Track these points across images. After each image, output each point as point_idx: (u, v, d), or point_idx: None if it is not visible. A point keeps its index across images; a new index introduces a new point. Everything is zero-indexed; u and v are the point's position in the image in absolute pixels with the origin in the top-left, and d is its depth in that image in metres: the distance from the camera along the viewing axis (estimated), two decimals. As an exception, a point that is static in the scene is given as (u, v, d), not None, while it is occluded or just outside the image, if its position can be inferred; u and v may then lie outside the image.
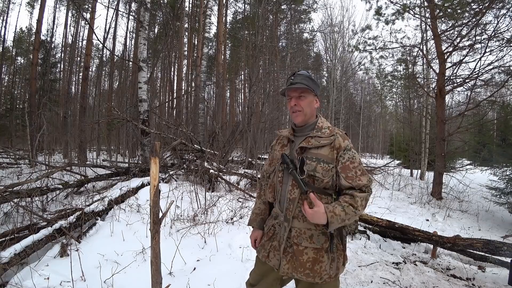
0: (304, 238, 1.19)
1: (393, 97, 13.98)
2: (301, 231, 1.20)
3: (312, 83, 1.26)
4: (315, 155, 1.19)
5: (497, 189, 5.70)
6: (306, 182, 1.18)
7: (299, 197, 1.19)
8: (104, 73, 17.55)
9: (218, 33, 12.53)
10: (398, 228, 3.60)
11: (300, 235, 1.19)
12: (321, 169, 1.17)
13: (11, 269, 2.14)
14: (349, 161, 1.18)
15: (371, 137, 28.00)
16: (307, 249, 1.18)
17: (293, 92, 1.26)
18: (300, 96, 1.25)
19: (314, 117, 1.31)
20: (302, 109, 1.25)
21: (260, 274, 1.37)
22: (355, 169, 1.17)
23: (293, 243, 1.20)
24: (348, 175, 1.16)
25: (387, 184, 7.51)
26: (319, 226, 1.18)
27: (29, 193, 3.62)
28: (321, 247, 1.17)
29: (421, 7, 7.29)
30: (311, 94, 1.27)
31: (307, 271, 1.16)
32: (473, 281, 2.74)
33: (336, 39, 13.20)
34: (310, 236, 1.18)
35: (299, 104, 1.25)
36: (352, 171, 1.17)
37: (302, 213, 1.19)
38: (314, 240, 1.18)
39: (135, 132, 7.55)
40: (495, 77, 6.56)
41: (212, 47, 17.36)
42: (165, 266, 2.26)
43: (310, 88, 1.24)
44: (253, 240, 1.43)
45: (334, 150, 1.19)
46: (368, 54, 9.08)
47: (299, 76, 1.26)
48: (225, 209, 3.76)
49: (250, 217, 1.49)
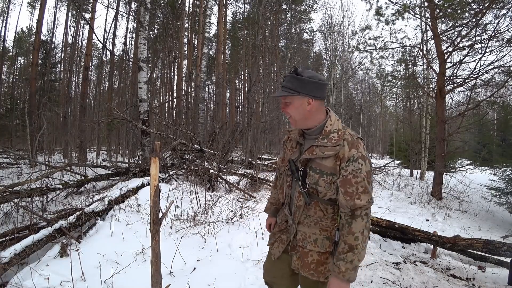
0: (309, 242, 1.19)
1: (393, 97, 14.01)
2: (306, 235, 1.20)
3: (297, 84, 1.11)
4: (319, 166, 1.11)
5: (497, 189, 5.70)
6: (310, 193, 1.15)
7: (304, 205, 1.17)
8: (104, 73, 17.54)
9: (218, 33, 12.55)
10: (398, 228, 3.60)
11: (305, 238, 1.20)
12: (324, 182, 1.10)
13: (11, 269, 2.14)
14: (352, 174, 1.05)
15: (371, 137, 27.95)
16: (311, 252, 1.18)
17: (280, 98, 1.20)
18: (286, 102, 1.16)
19: (318, 119, 1.16)
20: (291, 115, 1.17)
21: (271, 268, 1.40)
22: (357, 184, 1.04)
23: (299, 245, 1.21)
24: (348, 190, 1.05)
25: (387, 184, 7.51)
26: (324, 231, 1.17)
27: (29, 193, 3.62)
28: (325, 251, 1.17)
29: (421, 7, 7.28)
30: (297, 98, 1.13)
31: (311, 271, 1.18)
32: (473, 281, 2.74)
33: (336, 39, 13.20)
34: (315, 240, 1.18)
35: (286, 111, 1.18)
36: (353, 186, 1.04)
37: (307, 220, 1.19)
38: (318, 244, 1.17)
39: (135, 132, 7.55)
40: (495, 77, 6.56)
41: (212, 47, 17.36)
42: (165, 266, 2.26)
43: (291, 93, 1.12)
44: (268, 225, 1.51)
45: (338, 161, 1.08)
46: (368, 54, 9.08)
47: (286, 78, 1.15)
48: (225, 209, 3.76)
49: (266, 205, 1.55)
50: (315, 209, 1.16)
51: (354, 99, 26.67)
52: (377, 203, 5.42)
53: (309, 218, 1.18)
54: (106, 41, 14.46)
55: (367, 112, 25.73)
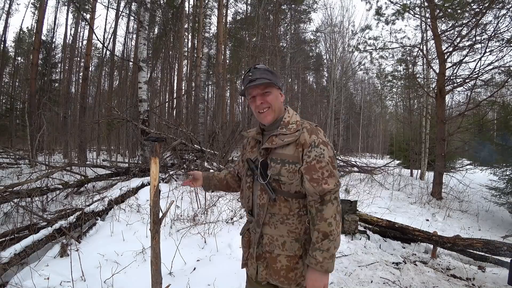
0: (276, 245, 1.10)
1: (393, 97, 14.02)
2: (273, 238, 1.10)
3: (273, 76, 1.13)
4: (280, 156, 1.07)
5: (497, 189, 5.70)
6: (273, 187, 1.07)
7: (268, 203, 1.09)
8: (104, 73, 17.55)
9: (218, 33, 12.53)
10: (398, 228, 3.61)
11: (272, 242, 1.11)
12: (286, 172, 1.05)
13: (11, 269, 2.14)
14: (315, 160, 1.02)
15: (371, 137, 28.00)
16: (280, 257, 1.10)
17: (255, 90, 1.12)
18: (265, 92, 1.12)
19: (282, 113, 1.17)
20: (271, 105, 1.12)
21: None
22: (322, 169, 1.01)
23: (266, 251, 1.12)
24: (313, 176, 1.01)
25: (387, 184, 7.51)
26: (292, 233, 1.09)
27: (29, 193, 3.62)
28: (294, 254, 1.08)
29: (421, 7, 7.30)
30: (275, 88, 1.14)
31: (281, 278, 1.09)
32: (473, 281, 2.74)
33: (336, 39, 13.22)
34: (283, 243, 1.09)
35: (265, 101, 1.11)
36: (319, 172, 1.01)
37: (273, 220, 1.10)
38: (286, 247, 1.09)
39: (135, 132, 7.55)
40: (495, 77, 6.58)
41: (212, 47, 17.36)
42: (165, 266, 2.26)
43: (273, 82, 1.11)
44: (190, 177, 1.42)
45: (299, 148, 1.06)
46: (368, 54, 9.13)
47: (257, 71, 1.12)
48: (225, 209, 3.76)
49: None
50: (280, 206, 1.08)
51: (354, 99, 26.70)
52: (377, 203, 5.42)
53: (274, 217, 1.10)
54: (107, 41, 14.49)
55: (367, 112, 25.76)
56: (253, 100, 1.14)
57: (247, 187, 1.20)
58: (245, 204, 1.22)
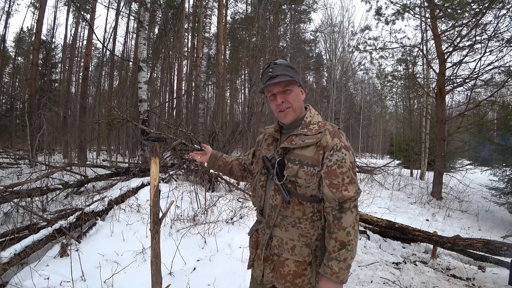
0: (285, 249, 1.05)
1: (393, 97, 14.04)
2: (283, 241, 1.06)
3: (294, 73, 1.07)
4: (299, 156, 1.02)
5: (497, 189, 5.70)
6: (288, 188, 1.02)
7: (281, 204, 1.05)
8: (104, 73, 17.55)
9: (218, 33, 12.53)
10: (398, 228, 3.61)
11: (281, 245, 1.06)
12: (304, 174, 1.00)
13: (11, 269, 2.14)
14: (336, 164, 0.97)
15: (371, 137, 28.00)
16: (288, 261, 1.05)
17: (276, 87, 1.06)
18: (286, 90, 1.06)
19: (303, 111, 1.13)
20: (291, 105, 1.07)
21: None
22: (342, 175, 0.97)
23: (274, 253, 1.08)
24: (333, 182, 0.96)
25: (387, 184, 7.51)
26: (303, 238, 1.04)
27: (29, 193, 3.62)
28: (303, 260, 1.04)
29: (421, 7, 7.29)
30: (296, 86, 1.09)
31: (288, 283, 1.05)
32: (473, 281, 2.74)
33: (336, 39, 13.22)
34: (292, 247, 1.05)
35: (286, 100, 1.06)
36: (339, 177, 0.96)
37: (284, 222, 1.06)
38: (296, 252, 1.04)
39: (135, 132, 7.55)
40: (495, 77, 6.57)
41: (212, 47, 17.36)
42: (165, 266, 2.26)
43: (294, 79, 1.06)
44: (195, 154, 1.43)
45: (320, 150, 1.00)
46: (368, 54, 9.12)
47: (278, 67, 1.06)
48: (225, 209, 3.76)
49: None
50: (293, 209, 1.04)
51: (354, 99, 26.69)
52: (377, 203, 5.42)
53: (286, 220, 1.05)
54: (106, 41, 14.49)
55: (367, 112, 25.77)
56: (273, 98, 1.09)
57: (260, 186, 1.14)
58: (257, 203, 1.17)
